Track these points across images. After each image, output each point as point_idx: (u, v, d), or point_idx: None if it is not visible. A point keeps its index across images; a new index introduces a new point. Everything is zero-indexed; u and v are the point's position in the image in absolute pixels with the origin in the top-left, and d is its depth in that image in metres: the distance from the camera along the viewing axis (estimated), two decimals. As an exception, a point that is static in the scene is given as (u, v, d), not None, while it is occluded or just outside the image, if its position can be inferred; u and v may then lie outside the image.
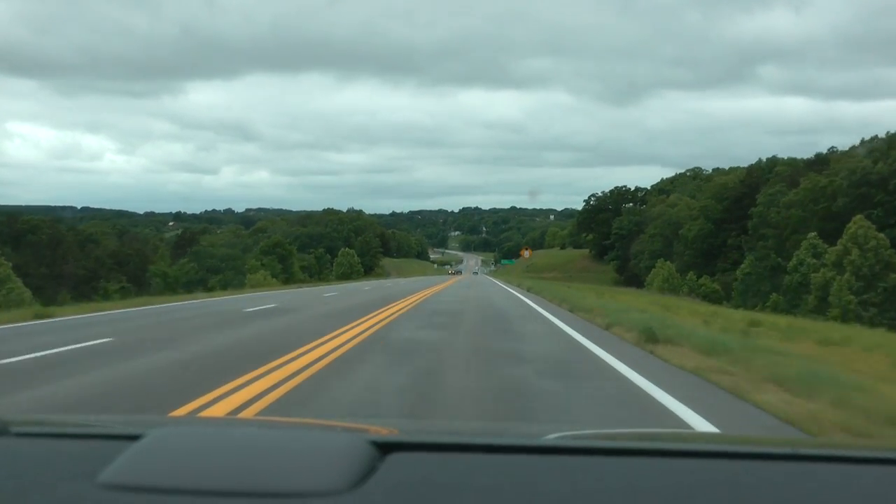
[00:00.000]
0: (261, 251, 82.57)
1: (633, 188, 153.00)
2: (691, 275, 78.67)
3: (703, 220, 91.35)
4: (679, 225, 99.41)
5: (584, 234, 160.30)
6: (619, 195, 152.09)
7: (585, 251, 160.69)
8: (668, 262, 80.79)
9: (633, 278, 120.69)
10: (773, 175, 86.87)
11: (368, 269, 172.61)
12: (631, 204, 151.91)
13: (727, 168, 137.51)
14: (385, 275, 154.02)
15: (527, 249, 72.00)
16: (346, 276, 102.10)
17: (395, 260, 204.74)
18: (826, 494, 1.12)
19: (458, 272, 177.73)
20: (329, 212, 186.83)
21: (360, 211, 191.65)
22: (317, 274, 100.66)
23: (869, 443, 3.18)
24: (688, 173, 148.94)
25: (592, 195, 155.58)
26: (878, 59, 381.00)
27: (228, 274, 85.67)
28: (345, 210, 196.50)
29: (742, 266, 67.37)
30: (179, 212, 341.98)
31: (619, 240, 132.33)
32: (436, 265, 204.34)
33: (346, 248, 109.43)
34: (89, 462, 1.18)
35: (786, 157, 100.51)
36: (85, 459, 1.21)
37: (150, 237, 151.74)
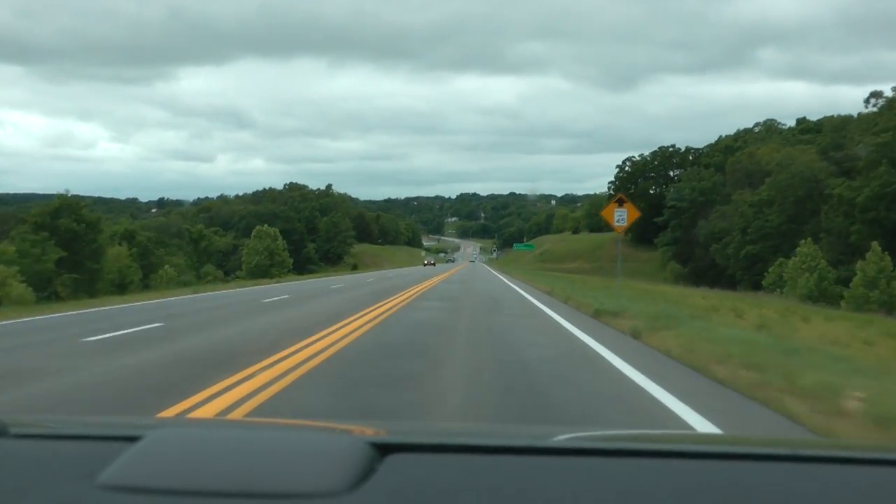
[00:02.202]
0: (30, 228, 38.58)
1: (682, 148, 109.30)
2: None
3: (888, 168, 47.54)
4: (816, 184, 55.69)
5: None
6: (666, 158, 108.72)
7: (617, 234, 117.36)
8: (875, 247, 36.95)
9: (706, 271, 77.54)
10: None
11: (336, 259, 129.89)
12: (679, 171, 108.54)
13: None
14: (350, 268, 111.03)
15: (622, 203, 23.90)
16: (263, 273, 58.60)
17: (376, 247, 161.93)
18: (828, 496, 1.09)
19: (452, 261, 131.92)
20: (293, 187, 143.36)
21: (330, 185, 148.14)
22: (196, 268, 56.96)
23: (871, 444, 3.05)
24: (756, 129, 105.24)
25: (627, 160, 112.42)
26: (880, 41, 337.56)
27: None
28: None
29: None
30: (162, 198, 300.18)
31: (675, 216, 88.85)
32: (423, 252, 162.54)
33: (264, 226, 65.89)
34: (89, 463, 1.14)
35: None
36: (84, 460, 1.18)
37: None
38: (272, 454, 1.15)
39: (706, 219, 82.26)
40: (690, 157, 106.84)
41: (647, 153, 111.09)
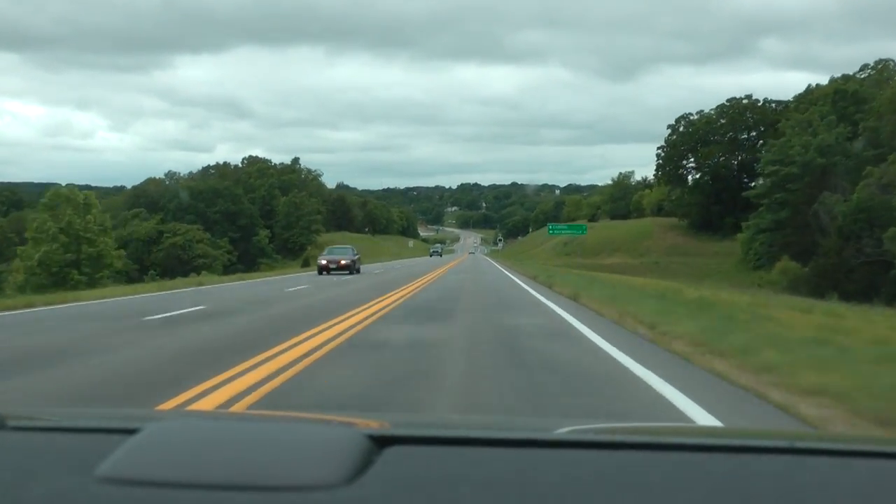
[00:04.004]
0: None
1: (759, 101, 77.59)
2: None
3: None
4: None
5: (667, 189, 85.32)
6: (737, 114, 77.11)
7: (667, 220, 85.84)
8: None
9: (849, 273, 46.70)
10: None
11: (298, 250, 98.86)
12: (751, 134, 77.31)
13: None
14: (300, 264, 80.00)
15: None
16: (57, 279, 27.06)
17: (357, 236, 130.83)
18: (823, 488, 1.08)
19: (439, 253, 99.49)
20: (252, 161, 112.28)
21: (297, 159, 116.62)
22: None
23: (868, 437, 3.00)
24: (863, 74, 73.67)
25: (682, 118, 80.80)
26: (884, 31, 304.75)
27: None
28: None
29: None
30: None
31: (777, 188, 57.56)
32: (411, 243, 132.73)
33: (64, 187, 33.94)
34: (86, 456, 1.11)
35: None
36: (82, 453, 1.14)
37: None
38: (270, 446, 1.12)
39: (836, 190, 51.13)
40: (773, 114, 75.31)
41: (709, 109, 79.54)
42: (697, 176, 78.86)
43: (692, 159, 79.89)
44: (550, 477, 1.06)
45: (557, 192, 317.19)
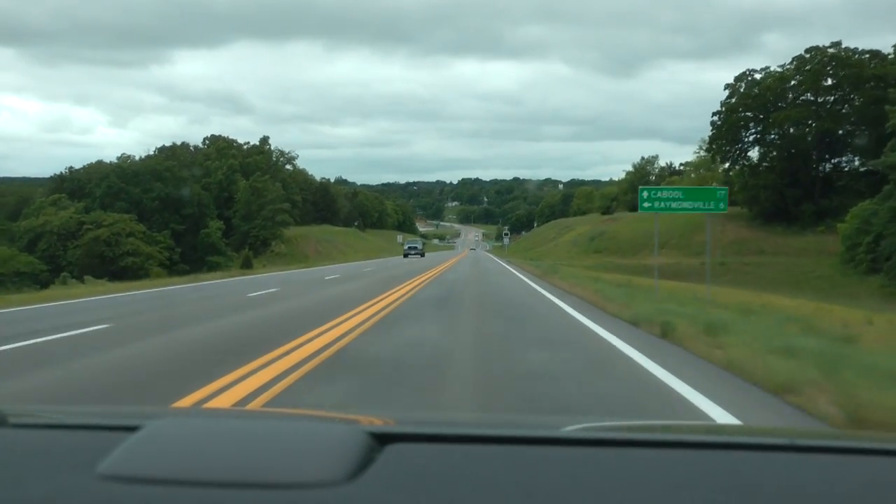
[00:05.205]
0: None
1: (844, 51, 58.51)
2: None
3: None
4: None
5: (723, 168, 66.40)
6: (818, 69, 58.07)
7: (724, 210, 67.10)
8: None
9: None
10: None
11: (262, 246, 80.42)
12: (833, 96, 58.62)
13: None
14: (243, 263, 61.67)
15: None
16: None
17: (337, 230, 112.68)
18: (824, 485, 1.07)
19: (418, 252, 78.33)
20: (215, 139, 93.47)
21: (266, 138, 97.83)
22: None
23: (868, 434, 3.10)
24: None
25: (743, 75, 61.69)
26: (886, 25, 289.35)
27: None
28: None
29: None
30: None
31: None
32: (400, 238, 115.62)
33: None
34: (88, 453, 1.10)
35: None
36: (83, 451, 1.13)
37: None
38: (271, 444, 1.11)
39: None
40: (867, 68, 56.36)
41: (779, 66, 60.49)
42: (763, 150, 60.31)
43: (753, 129, 61.36)
44: (553, 474, 1.04)
45: (560, 186, 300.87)
